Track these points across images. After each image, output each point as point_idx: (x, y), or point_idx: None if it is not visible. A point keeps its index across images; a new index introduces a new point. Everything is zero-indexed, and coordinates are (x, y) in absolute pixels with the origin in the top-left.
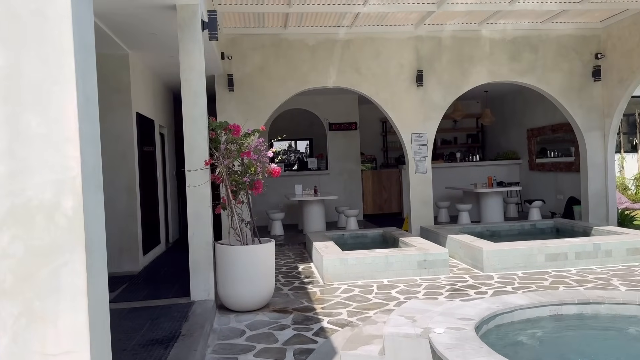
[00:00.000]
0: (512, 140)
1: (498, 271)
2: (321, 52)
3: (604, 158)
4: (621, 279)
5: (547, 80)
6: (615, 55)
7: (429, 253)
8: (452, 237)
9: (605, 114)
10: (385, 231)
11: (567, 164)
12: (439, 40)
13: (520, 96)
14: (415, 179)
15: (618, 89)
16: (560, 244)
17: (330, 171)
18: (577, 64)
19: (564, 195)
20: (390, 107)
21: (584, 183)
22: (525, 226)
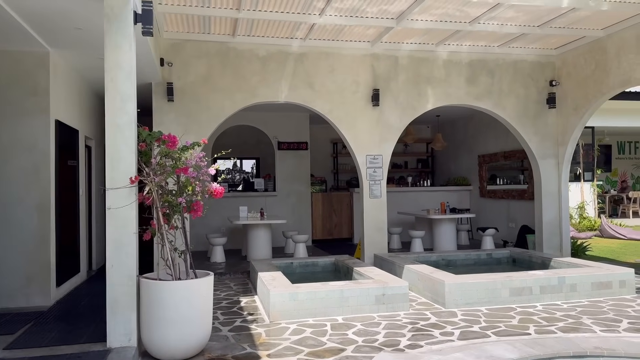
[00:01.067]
0: (462, 166)
1: (461, 307)
2: (272, 64)
3: (558, 186)
4: (591, 316)
5: (503, 106)
6: (570, 83)
7: (388, 287)
8: (409, 268)
9: (560, 141)
10: (337, 260)
11: (519, 191)
12: (396, 59)
13: (471, 122)
14: (369, 204)
15: (573, 117)
16: (525, 277)
17: (278, 193)
18: (533, 90)
19: (516, 223)
20: (344, 126)
21: (538, 212)
22: (482, 256)
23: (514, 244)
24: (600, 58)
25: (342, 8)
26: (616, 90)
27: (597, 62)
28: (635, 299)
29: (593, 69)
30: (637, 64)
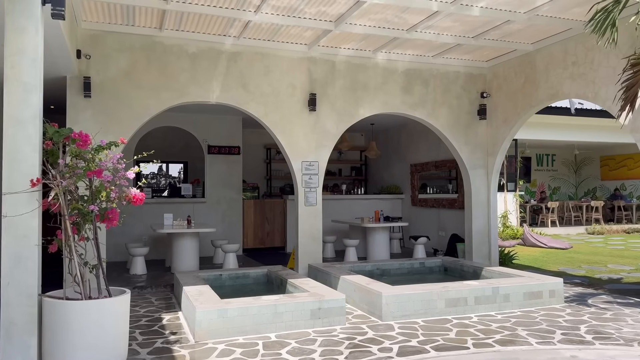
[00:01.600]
0: (395, 174)
1: (397, 319)
2: (204, 62)
3: (487, 196)
4: (525, 328)
5: (437, 116)
6: (501, 95)
7: (324, 300)
8: (345, 279)
9: (490, 152)
10: (270, 271)
11: (450, 200)
12: (333, 64)
13: (405, 131)
14: (304, 211)
15: (503, 128)
16: (461, 288)
17: (207, 199)
18: (465, 101)
19: (446, 232)
20: (280, 130)
21: (468, 221)
22: (415, 265)
23: (444, 252)
24: (529, 72)
25: (279, 6)
26: (545, 104)
27: (527, 75)
28: (564, 309)
29: (523, 82)
30: (564, 79)
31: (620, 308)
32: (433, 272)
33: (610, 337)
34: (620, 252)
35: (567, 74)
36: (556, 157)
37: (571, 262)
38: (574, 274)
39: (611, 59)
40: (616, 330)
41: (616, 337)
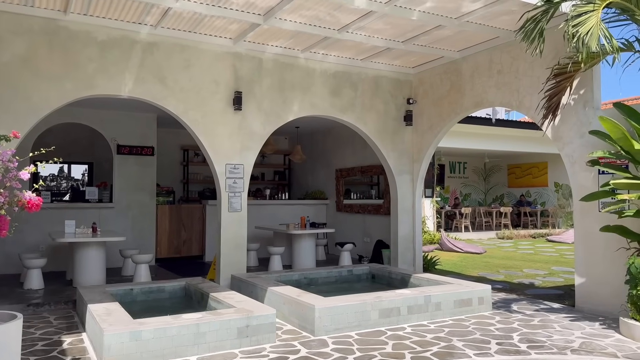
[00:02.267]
0: (320, 179)
1: (331, 333)
2: (115, 51)
3: (412, 202)
4: (460, 338)
5: (365, 120)
6: (426, 101)
7: (253, 316)
8: (273, 291)
9: (415, 158)
10: (189, 283)
11: (375, 206)
12: (260, 61)
13: (330, 135)
14: (228, 218)
15: (428, 135)
16: (394, 297)
17: (115, 204)
18: (392, 106)
19: (371, 238)
20: (201, 130)
21: (394, 227)
22: (343, 272)
23: (370, 258)
24: (455, 79)
25: None
26: (470, 111)
27: (453, 83)
28: (493, 316)
29: (448, 89)
30: (489, 87)
31: (546, 314)
32: (361, 279)
33: (543, 345)
34: (531, 256)
35: (492, 82)
36: (467, 165)
37: (489, 267)
38: (494, 279)
39: (535, 68)
40: (547, 338)
41: (549, 346)
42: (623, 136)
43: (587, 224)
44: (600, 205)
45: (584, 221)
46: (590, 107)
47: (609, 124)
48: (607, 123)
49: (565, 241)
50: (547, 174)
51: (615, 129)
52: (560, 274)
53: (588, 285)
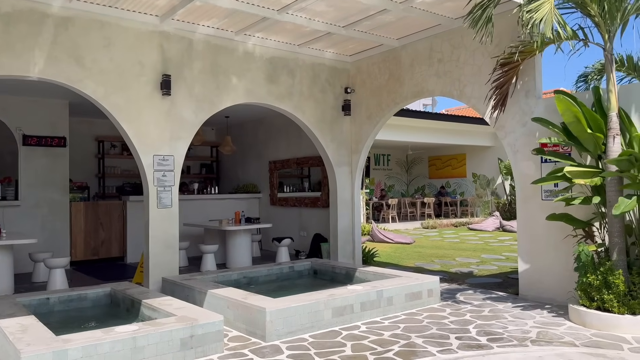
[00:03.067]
0: (251, 172)
1: (283, 337)
2: (22, 26)
3: (351, 194)
4: (418, 334)
5: (303, 109)
6: (365, 91)
7: (198, 325)
8: (214, 294)
9: (354, 149)
10: (115, 289)
11: (312, 199)
12: (190, 42)
13: (262, 126)
14: (156, 215)
15: (367, 125)
16: (347, 295)
17: (22, 202)
18: (330, 95)
19: (308, 232)
20: (124, 117)
21: (334, 219)
22: (284, 269)
23: (307, 253)
24: (394, 68)
25: None
26: (410, 101)
27: (391, 72)
28: (443, 308)
29: (387, 79)
30: (429, 76)
31: (494, 304)
32: (303, 276)
33: (502, 337)
34: (458, 245)
35: (432, 71)
36: (391, 157)
37: (423, 257)
38: (431, 269)
39: (477, 57)
40: (503, 329)
41: (507, 337)
42: (575, 119)
43: (530, 212)
44: (543, 194)
45: (527, 210)
46: (532, 96)
47: (563, 104)
48: (561, 103)
49: (485, 229)
50: (466, 165)
51: (568, 112)
52: (492, 262)
53: (531, 273)
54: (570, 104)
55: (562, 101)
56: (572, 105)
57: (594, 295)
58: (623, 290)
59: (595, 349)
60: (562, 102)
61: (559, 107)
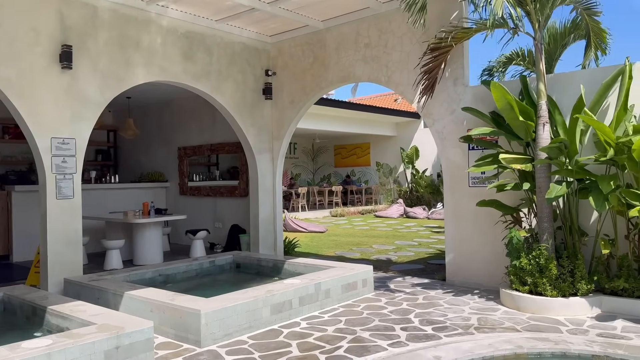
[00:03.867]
0: (157, 159)
1: (220, 341)
2: None
3: (272, 183)
4: (362, 327)
5: (222, 91)
6: (287, 74)
7: (124, 334)
8: (132, 296)
9: (275, 136)
10: (9, 294)
11: (229, 188)
12: (95, 10)
13: (169, 109)
14: (56, 207)
15: (289, 110)
16: (285, 290)
17: None
18: (250, 77)
19: (223, 223)
20: (15, 92)
21: (254, 209)
22: (204, 264)
23: (224, 246)
24: (319, 51)
25: None
26: (336, 86)
27: (316, 55)
28: (378, 298)
29: (311, 62)
30: (356, 61)
31: (425, 291)
32: (225, 271)
33: (446, 326)
34: (369, 232)
35: (359, 56)
36: (298, 146)
37: (340, 246)
38: (352, 258)
39: (405, 43)
40: (443, 317)
41: (451, 326)
42: (508, 107)
43: (457, 199)
44: (470, 180)
45: (454, 197)
46: (460, 84)
47: (498, 92)
48: (497, 91)
49: (391, 216)
50: (370, 154)
51: (502, 99)
52: (407, 248)
53: (458, 259)
54: (505, 92)
55: (497, 89)
56: (507, 94)
57: (527, 279)
58: (555, 274)
59: (537, 333)
60: (498, 90)
61: (494, 95)
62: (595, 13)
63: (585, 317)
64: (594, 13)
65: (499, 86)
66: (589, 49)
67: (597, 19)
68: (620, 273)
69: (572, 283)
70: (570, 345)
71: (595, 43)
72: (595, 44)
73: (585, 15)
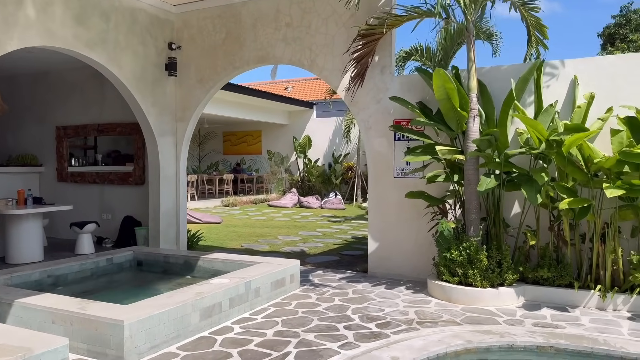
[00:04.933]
0: (28, 140)
1: (146, 354)
2: None
3: (176, 170)
4: (304, 329)
5: (120, 63)
6: (194, 49)
7: (33, 356)
8: (28, 305)
9: (179, 117)
10: None
11: (122, 175)
12: None
13: (45, 81)
14: None
15: (198, 90)
16: (215, 291)
17: None
18: (152, 50)
19: (113, 214)
20: None
21: (155, 199)
22: (100, 263)
23: (115, 240)
24: (233, 27)
25: None
26: (253, 66)
27: (229, 30)
28: (307, 294)
29: (224, 38)
30: (276, 40)
31: (351, 284)
32: (124, 269)
33: (387, 322)
34: (268, 222)
35: (279, 35)
36: None
37: (244, 238)
38: (262, 250)
39: (330, 26)
40: (381, 312)
41: (393, 322)
42: (446, 97)
43: (382, 190)
44: (395, 171)
45: (378, 187)
46: (387, 73)
47: (440, 80)
48: (439, 79)
49: (285, 205)
50: (261, 142)
51: (442, 88)
52: (313, 239)
53: (381, 251)
54: (447, 80)
55: (440, 77)
56: (448, 82)
57: (458, 270)
58: (486, 265)
59: (478, 326)
60: (440, 78)
61: (435, 83)
62: (533, 8)
63: (514, 306)
64: (531, 8)
65: (443, 74)
66: (530, 44)
67: (537, 15)
68: (543, 263)
69: (499, 273)
70: (515, 337)
71: (536, 38)
72: (536, 39)
73: (523, 10)
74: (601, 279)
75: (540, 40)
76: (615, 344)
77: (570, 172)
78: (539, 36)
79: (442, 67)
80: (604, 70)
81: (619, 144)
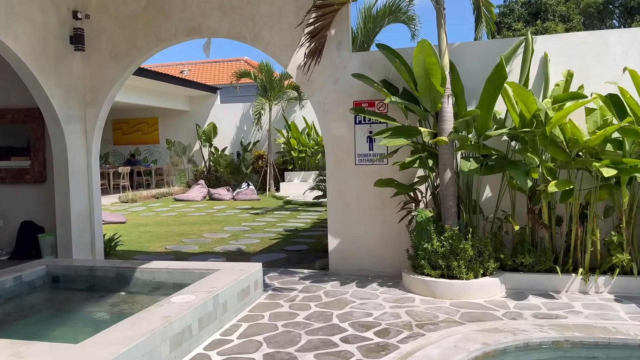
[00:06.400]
0: None
1: None
2: None
3: (86, 164)
4: (292, 346)
5: (14, 33)
6: (107, 19)
7: None
8: None
9: (89, 101)
10: None
11: (16, 171)
12: None
13: None
14: None
15: (112, 68)
16: (183, 312)
17: None
18: (54, 19)
19: (5, 220)
20: None
21: (63, 200)
22: (6, 283)
23: (11, 251)
24: None
25: None
26: (182, 39)
27: None
28: (276, 302)
29: (144, 6)
30: (210, 10)
31: (318, 285)
32: (37, 288)
33: (385, 328)
34: (182, 219)
35: (215, 4)
36: None
37: (163, 238)
38: (192, 252)
39: None
40: (371, 317)
41: (390, 327)
42: (424, 73)
43: (343, 179)
44: (357, 158)
45: (337, 177)
46: (345, 49)
47: (422, 53)
48: (421, 52)
49: (194, 199)
50: (158, 130)
51: (421, 63)
52: (244, 235)
53: (344, 246)
54: (431, 54)
55: (424, 48)
56: (431, 55)
57: (440, 262)
58: (471, 255)
59: (482, 324)
60: (423, 50)
61: (416, 57)
62: None
63: (500, 297)
64: None
65: (427, 46)
66: (480, 22)
67: None
68: (522, 248)
69: (481, 263)
70: (527, 334)
71: (486, 18)
72: (486, 19)
73: None
74: (579, 262)
75: (488, 19)
76: (627, 330)
77: (552, 152)
78: (487, 15)
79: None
80: (574, 47)
81: (594, 122)
